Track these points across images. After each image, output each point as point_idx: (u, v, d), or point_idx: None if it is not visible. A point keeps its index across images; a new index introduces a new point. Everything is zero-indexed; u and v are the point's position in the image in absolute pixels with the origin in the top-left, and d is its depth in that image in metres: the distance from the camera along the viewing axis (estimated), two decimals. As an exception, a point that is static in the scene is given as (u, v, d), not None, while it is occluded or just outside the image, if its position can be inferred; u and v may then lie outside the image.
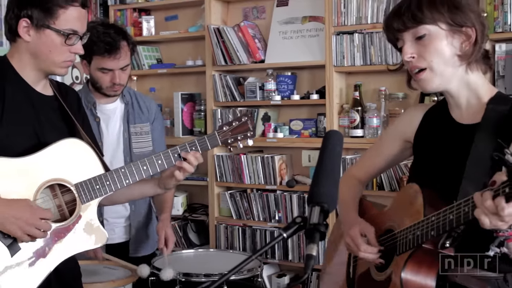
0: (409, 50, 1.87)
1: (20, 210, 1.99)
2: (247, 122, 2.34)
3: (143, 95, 3.38)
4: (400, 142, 2.13)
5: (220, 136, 2.31)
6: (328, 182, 1.40)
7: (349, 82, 4.16)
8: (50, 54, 2.11)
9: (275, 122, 4.46)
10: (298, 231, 1.37)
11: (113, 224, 3.19)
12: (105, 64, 3.00)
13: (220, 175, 4.48)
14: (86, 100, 3.11)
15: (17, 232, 1.99)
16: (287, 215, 4.23)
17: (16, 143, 2.08)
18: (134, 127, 3.20)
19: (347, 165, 3.96)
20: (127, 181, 2.19)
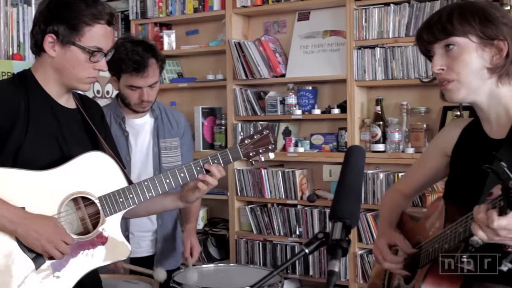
0: (439, 62, 1.88)
1: (44, 227, 2.02)
2: (268, 135, 2.36)
3: (172, 109, 3.40)
4: (441, 157, 2.13)
5: (242, 149, 2.32)
6: (350, 197, 1.41)
7: (370, 96, 4.16)
8: (74, 70, 2.14)
9: (296, 136, 4.46)
10: (320, 247, 1.38)
11: (139, 238, 3.21)
12: (133, 81, 3.03)
13: (241, 189, 4.49)
14: (115, 114, 3.15)
15: (38, 248, 2.02)
16: (308, 230, 4.23)
17: (40, 156, 2.11)
18: (164, 142, 3.21)
19: (368, 180, 3.95)
20: (150, 194, 2.21)
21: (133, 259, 3.15)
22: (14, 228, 1.99)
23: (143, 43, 3.08)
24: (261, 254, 4.42)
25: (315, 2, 4.25)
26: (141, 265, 3.14)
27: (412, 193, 2.32)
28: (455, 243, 1.72)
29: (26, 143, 2.08)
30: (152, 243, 3.25)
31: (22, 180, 2.06)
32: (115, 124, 3.14)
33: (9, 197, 2.01)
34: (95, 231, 2.14)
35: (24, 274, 2.02)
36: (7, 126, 2.06)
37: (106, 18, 2.14)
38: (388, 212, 2.25)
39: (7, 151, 2.06)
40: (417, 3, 3.86)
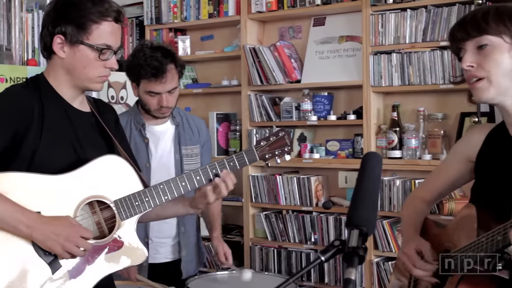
0: (469, 58, 1.87)
1: (61, 227, 2.02)
2: (284, 137, 2.35)
3: (193, 116, 3.40)
4: (463, 163, 2.12)
5: (258, 151, 2.32)
6: (367, 205, 1.40)
7: (387, 102, 4.15)
8: (85, 70, 2.14)
9: (311, 142, 4.46)
10: (337, 255, 1.37)
11: (157, 244, 3.20)
12: (152, 87, 3.03)
13: (255, 195, 4.49)
14: (135, 120, 3.16)
15: (58, 250, 2.02)
16: (323, 237, 4.21)
17: (55, 160, 2.11)
18: (186, 149, 3.22)
19: (385, 187, 3.94)
20: (166, 197, 2.21)
21: (152, 265, 3.16)
22: (30, 233, 1.99)
23: (162, 49, 3.08)
24: (276, 261, 4.42)
25: (331, 7, 4.25)
26: (160, 272, 3.15)
27: (433, 199, 2.31)
28: (492, 251, 1.70)
29: (41, 147, 2.09)
30: (172, 249, 3.25)
31: (37, 184, 2.06)
32: (135, 131, 3.16)
33: (24, 202, 2.02)
34: (111, 235, 2.14)
35: (41, 279, 2.03)
36: (22, 130, 2.07)
37: (113, 15, 2.14)
38: (412, 218, 2.23)
39: (22, 156, 2.07)
40: (434, 8, 3.85)
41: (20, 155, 2.07)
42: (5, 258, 2.00)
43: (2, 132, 2.03)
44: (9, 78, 3.75)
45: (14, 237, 2.01)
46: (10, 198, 1.99)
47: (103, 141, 2.28)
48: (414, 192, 2.42)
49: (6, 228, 1.98)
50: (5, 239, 2.00)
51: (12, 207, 1.98)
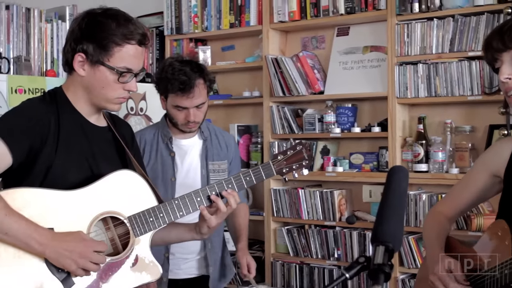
0: (507, 70, 1.85)
1: (73, 243, 2.03)
2: (302, 151, 2.34)
3: (222, 131, 3.40)
4: (488, 177, 2.09)
5: (274, 166, 2.31)
6: (393, 220, 1.40)
7: (412, 114, 4.12)
8: (103, 90, 2.15)
9: (335, 155, 4.44)
10: (361, 272, 1.36)
11: (179, 260, 3.19)
12: (179, 102, 3.04)
13: (277, 210, 4.47)
14: (162, 134, 3.17)
15: (71, 266, 2.02)
16: (347, 252, 4.19)
17: (70, 175, 2.12)
18: (213, 165, 3.21)
19: (410, 201, 3.91)
20: (181, 213, 2.21)
21: (172, 280, 3.15)
22: (43, 250, 2.00)
23: (191, 63, 3.07)
24: (298, 278, 4.39)
25: (355, 16, 4.24)
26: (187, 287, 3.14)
27: (455, 215, 2.28)
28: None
29: (56, 162, 2.10)
30: (197, 264, 3.22)
31: (51, 200, 2.07)
32: (162, 144, 3.17)
33: (37, 218, 2.02)
34: (125, 252, 2.14)
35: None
36: (37, 145, 2.08)
37: (137, 38, 2.14)
38: (435, 236, 2.20)
39: (37, 170, 2.09)
40: (462, 17, 3.83)
41: (34, 170, 2.08)
42: (18, 276, 2.00)
43: (18, 148, 2.05)
44: (27, 89, 3.79)
45: (27, 254, 2.01)
46: (22, 214, 2.00)
47: (118, 156, 2.29)
48: (437, 207, 2.38)
49: (18, 245, 1.99)
50: (17, 256, 2.00)
51: (24, 223, 1.99)
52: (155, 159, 3.12)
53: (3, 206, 1.96)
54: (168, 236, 2.39)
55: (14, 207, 1.99)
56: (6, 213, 1.96)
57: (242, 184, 2.28)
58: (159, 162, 3.10)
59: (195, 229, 2.33)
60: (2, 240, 1.98)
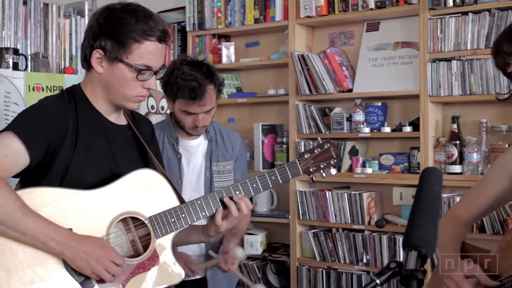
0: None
1: (92, 247, 2.04)
2: (329, 149, 2.34)
3: (228, 130, 3.41)
4: (508, 180, 2.07)
5: (301, 165, 2.31)
6: (426, 224, 1.39)
7: (446, 113, 4.10)
8: (121, 88, 2.16)
9: (364, 156, 4.42)
10: (393, 278, 1.36)
11: None
12: (189, 108, 3.04)
13: (303, 212, 4.46)
14: (168, 134, 3.18)
15: (86, 270, 2.04)
16: (376, 257, 4.17)
17: (89, 174, 2.14)
18: (217, 165, 3.23)
19: (443, 204, 3.87)
20: (203, 214, 2.22)
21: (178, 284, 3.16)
22: (61, 250, 2.01)
23: (201, 67, 3.07)
24: (324, 283, 4.38)
25: (385, 11, 4.22)
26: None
27: (471, 220, 2.27)
28: None
29: (75, 161, 2.11)
30: None
31: (70, 200, 2.09)
32: (168, 145, 3.18)
33: (56, 218, 2.04)
34: (146, 254, 2.15)
35: (72, 299, 2.04)
36: (56, 144, 2.10)
37: (157, 35, 2.14)
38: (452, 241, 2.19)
39: (55, 170, 2.10)
40: (499, 11, 3.79)
41: (52, 170, 2.10)
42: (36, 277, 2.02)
43: (35, 147, 2.06)
44: (45, 87, 3.82)
45: (46, 255, 2.03)
46: (41, 214, 2.02)
47: (139, 155, 2.30)
48: (454, 209, 2.36)
49: (36, 245, 2.01)
50: (36, 257, 2.02)
51: (43, 223, 2.01)
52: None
53: (21, 205, 1.98)
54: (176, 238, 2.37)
55: (32, 207, 2.01)
56: (24, 212, 1.97)
57: (267, 184, 2.28)
58: (165, 163, 3.11)
59: (202, 231, 2.34)
60: (20, 240, 1.99)
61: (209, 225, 2.31)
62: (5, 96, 3.63)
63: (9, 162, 2.03)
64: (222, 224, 2.26)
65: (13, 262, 2.00)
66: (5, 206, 1.96)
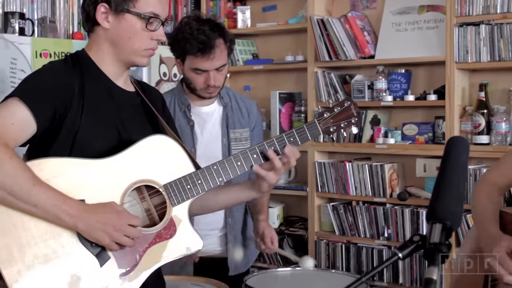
0: None
1: (107, 214, 2.04)
2: (350, 107, 2.32)
3: (243, 97, 3.41)
4: None
5: (320, 125, 2.29)
6: (452, 196, 1.39)
7: (473, 81, 4.07)
8: (130, 41, 2.16)
9: (386, 126, 4.41)
10: (416, 251, 1.36)
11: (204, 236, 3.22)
12: (199, 64, 3.04)
13: (322, 184, 4.47)
14: (179, 101, 3.18)
15: (105, 240, 2.03)
16: (398, 231, 4.17)
17: (98, 141, 2.14)
18: (234, 133, 3.22)
19: (470, 176, 3.86)
20: (220, 179, 2.21)
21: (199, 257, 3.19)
22: (74, 223, 2.02)
23: (210, 22, 3.07)
24: (344, 258, 4.40)
25: (410, -28, 4.18)
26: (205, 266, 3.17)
27: (505, 187, 2.26)
28: None
29: (82, 127, 2.11)
30: (219, 240, 3.27)
31: (80, 170, 2.09)
32: (180, 112, 3.18)
33: (67, 189, 2.04)
34: (162, 223, 2.16)
35: (87, 272, 2.05)
36: (62, 109, 2.09)
37: None
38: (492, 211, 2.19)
39: (63, 138, 2.10)
40: (530, -28, 3.74)
41: (59, 138, 2.10)
42: (50, 251, 2.03)
43: (42, 113, 2.06)
44: (53, 53, 3.82)
45: (58, 228, 2.03)
46: (52, 186, 2.02)
47: (149, 122, 2.30)
48: (486, 176, 2.35)
49: (48, 218, 2.01)
50: (49, 231, 2.02)
51: (54, 195, 2.00)
52: None
53: (31, 176, 1.98)
54: (226, 199, 2.41)
55: (42, 179, 2.01)
56: (35, 183, 1.97)
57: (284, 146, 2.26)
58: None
59: (254, 188, 2.32)
60: (31, 213, 2.00)
61: (259, 180, 2.28)
62: (11, 63, 3.63)
63: (16, 130, 2.03)
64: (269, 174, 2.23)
65: (25, 236, 2.01)
66: (15, 177, 1.96)
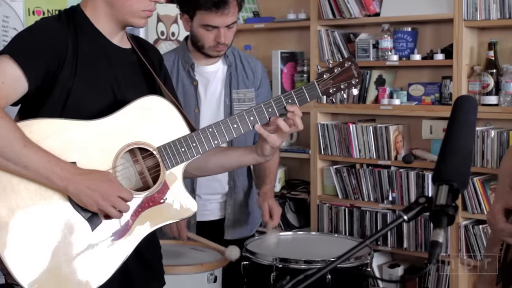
0: None
1: (97, 182, 2.04)
2: (350, 67, 2.31)
3: (248, 56, 3.39)
4: None
5: (320, 86, 2.29)
6: (459, 156, 1.38)
7: (482, 39, 4.05)
8: (127, 2, 2.15)
9: (391, 86, 4.40)
10: (421, 214, 1.35)
11: (206, 200, 3.25)
12: (211, 20, 3.01)
13: (325, 147, 4.47)
14: (183, 60, 3.17)
15: (92, 206, 2.04)
16: (403, 195, 4.18)
17: (91, 101, 2.13)
18: (237, 93, 3.22)
19: (477, 138, 3.86)
20: (216, 142, 2.21)
21: (200, 222, 3.20)
22: (65, 185, 2.02)
23: None
24: (347, 222, 4.41)
25: None
26: (208, 231, 3.19)
27: None
28: None
29: (76, 86, 2.10)
30: (221, 205, 3.29)
31: (72, 131, 2.08)
32: (183, 72, 3.17)
33: (58, 151, 2.04)
34: (156, 186, 2.16)
35: (79, 236, 2.06)
36: (55, 68, 2.08)
37: None
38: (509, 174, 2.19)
39: (55, 98, 2.09)
40: None
41: (52, 97, 2.09)
42: (40, 214, 2.04)
43: (33, 71, 2.05)
44: (46, 11, 3.79)
45: (49, 190, 2.04)
46: (42, 147, 2.02)
47: (145, 81, 2.29)
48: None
49: (39, 180, 2.01)
50: (39, 194, 2.03)
51: (45, 156, 2.00)
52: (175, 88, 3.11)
53: (21, 136, 1.98)
54: (227, 162, 2.40)
55: (33, 140, 2.01)
56: (25, 144, 1.97)
57: (283, 108, 2.25)
58: (180, 92, 3.10)
59: (256, 151, 2.31)
60: (21, 175, 2.00)
61: (261, 143, 2.27)
62: (3, 21, 3.61)
63: (7, 89, 2.02)
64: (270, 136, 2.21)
65: (15, 199, 2.01)
66: (5, 138, 1.95)
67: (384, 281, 4.25)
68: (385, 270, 4.31)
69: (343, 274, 3.02)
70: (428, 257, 1.24)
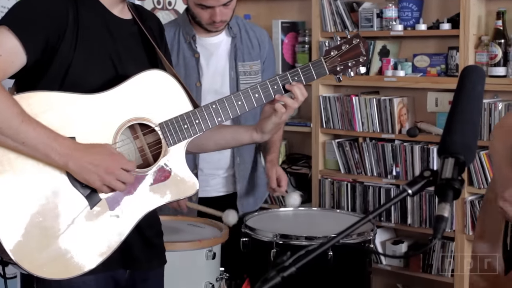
0: None
1: (99, 156, 2.04)
2: (359, 45, 2.30)
3: (254, 26, 3.38)
4: None
5: (327, 63, 2.28)
6: (465, 128, 1.38)
7: (490, 8, 4.03)
8: None
9: (395, 57, 4.40)
10: (426, 187, 1.35)
11: (208, 175, 3.25)
12: (204, 0, 3.01)
13: (327, 120, 4.47)
14: (184, 32, 3.15)
15: (96, 182, 2.04)
16: (407, 170, 4.19)
17: (92, 75, 2.12)
18: (243, 65, 3.21)
19: (484, 111, 3.86)
20: (219, 119, 2.21)
21: (202, 199, 3.21)
22: (65, 162, 2.01)
23: None
24: (349, 198, 4.43)
25: None
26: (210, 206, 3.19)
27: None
28: None
29: (76, 59, 2.09)
30: (224, 181, 3.29)
31: (71, 105, 2.07)
32: (184, 44, 3.15)
33: (56, 126, 2.03)
34: (157, 164, 2.16)
35: (77, 214, 2.06)
36: (55, 39, 2.07)
37: None
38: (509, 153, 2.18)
39: (54, 71, 2.08)
40: None
41: (51, 70, 2.08)
42: (38, 192, 2.03)
43: (32, 43, 2.03)
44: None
45: (47, 167, 2.03)
46: (40, 122, 2.01)
47: (146, 54, 2.28)
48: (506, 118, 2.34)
49: (37, 156, 2.01)
50: (36, 170, 2.03)
51: (43, 131, 2.00)
52: (176, 61, 3.10)
53: (19, 111, 1.97)
54: (224, 140, 2.40)
55: (30, 114, 2.00)
56: (23, 119, 1.96)
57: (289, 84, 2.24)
58: (181, 65, 3.09)
59: (255, 129, 2.32)
60: (19, 151, 1.99)
61: (263, 120, 2.27)
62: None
63: (5, 62, 2.01)
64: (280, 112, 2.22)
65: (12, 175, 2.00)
66: (2, 112, 1.94)
67: (387, 257, 4.27)
68: (388, 246, 4.32)
69: (345, 250, 3.03)
70: (433, 232, 1.24)
